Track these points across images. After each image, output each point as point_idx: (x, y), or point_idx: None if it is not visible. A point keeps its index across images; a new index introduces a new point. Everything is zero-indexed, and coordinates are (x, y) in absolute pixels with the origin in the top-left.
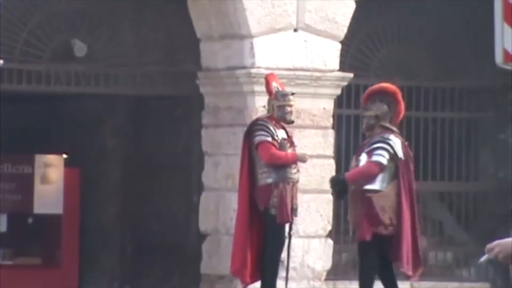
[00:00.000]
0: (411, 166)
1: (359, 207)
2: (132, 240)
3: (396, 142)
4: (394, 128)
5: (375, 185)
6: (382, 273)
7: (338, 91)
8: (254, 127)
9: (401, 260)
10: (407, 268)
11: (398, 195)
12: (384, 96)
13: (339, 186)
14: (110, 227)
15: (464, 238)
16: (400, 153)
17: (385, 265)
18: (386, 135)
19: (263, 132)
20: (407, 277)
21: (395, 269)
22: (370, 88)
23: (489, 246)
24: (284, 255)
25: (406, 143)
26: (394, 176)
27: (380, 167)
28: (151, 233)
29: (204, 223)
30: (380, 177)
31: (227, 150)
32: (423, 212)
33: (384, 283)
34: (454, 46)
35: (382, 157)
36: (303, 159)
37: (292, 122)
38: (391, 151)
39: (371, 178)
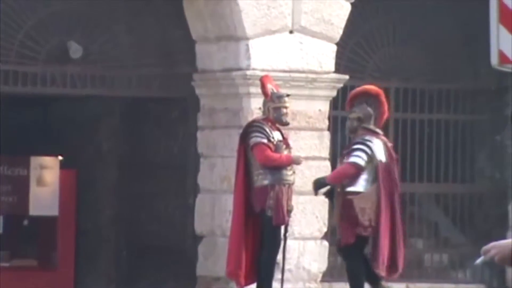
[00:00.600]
0: (395, 168)
1: (340, 209)
2: (128, 242)
3: (376, 144)
4: (378, 130)
5: (357, 187)
6: (366, 275)
7: (334, 93)
8: (250, 128)
9: (377, 260)
10: (381, 268)
11: (378, 197)
12: (367, 98)
13: (320, 188)
14: (106, 229)
15: (460, 240)
16: (379, 155)
17: (367, 266)
18: (366, 137)
19: (259, 134)
20: (382, 277)
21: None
22: (353, 91)
23: (485, 248)
24: (279, 257)
25: (390, 144)
26: (376, 178)
27: (357, 168)
28: (147, 235)
29: (200, 225)
30: (361, 179)
31: (222, 152)
32: (419, 214)
33: (369, 283)
34: (450, 48)
35: (359, 158)
36: (297, 162)
37: (288, 123)
38: (369, 152)
39: (348, 179)
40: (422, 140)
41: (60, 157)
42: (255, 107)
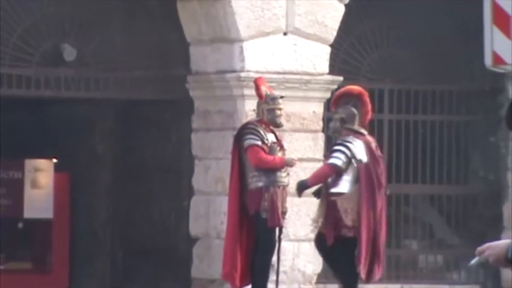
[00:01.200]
0: (379, 168)
1: (324, 210)
2: (123, 244)
3: (357, 144)
4: (362, 130)
5: (340, 188)
6: (342, 275)
7: (328, 95)
8: (244, 130)
9: (359, 261)
10: (362, 271)
11: (360, 197)
12: (350, 98)
13: (303, 190)
14: (101, 232)
15: (454, 241)
16: (359, 156)
17: (345, 268)
18: (346, 138)
19: (252, 136)
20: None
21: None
22: (337, 92)
23: (479, 249)
24: (274, 258)
25: (374, 144)
26: (358, 178)
27: (334, 169)
28: (141, 237)
29: (195, 227)
30: (343, 180)
31: (217, 154)
32: (413, 215)
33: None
34: (444, 49)
35: (337, 159)
36: (290, 164)
37: (281, 125)
38: (348, 153)
39: (326, 180)
40: (416, 141)
41: (54, 160)
42: (249, 109)
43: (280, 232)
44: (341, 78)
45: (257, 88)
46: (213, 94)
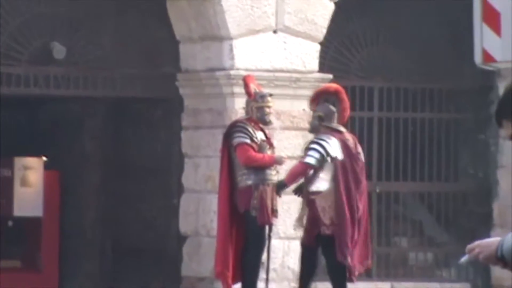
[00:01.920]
0: (357, 166)
1: (305, 210)
2: (113, 243)
3: (332, 142)
4: (341, 128)
5: (318, 187)
6: (330, 274)
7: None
8: (233, 129)
9: (344, 256)
10: (352, 265)
11: (337, 195)
12: (328, 96)
13: (281, 189)
14: (90, 230)
15: (444, 239)
16: (334, 153)
17: (332, 266)
18: (322, 136)
19: (241, 134)
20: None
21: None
22: (315, 90)
23: (469, 246)
24: (264, 256)
25: (352, 142)
26: (336, 176)
27: (307, 167)
28: (131, 236)
29: (184, 225)
30: (320, 178)
31: (207, 152)
32: (403, 213)
33: (333, 283)
34: (434, 48)
35: (311, 158)
36: (280, 162)
37: (271, 123)
38: (322, 151)
39: (301, 178)
40: (406, 139)
41: (44, 158)
42: (239, 107)
43: (270, 230)
44: (330, 76)
45: (246, 86)
46: (202, 92)
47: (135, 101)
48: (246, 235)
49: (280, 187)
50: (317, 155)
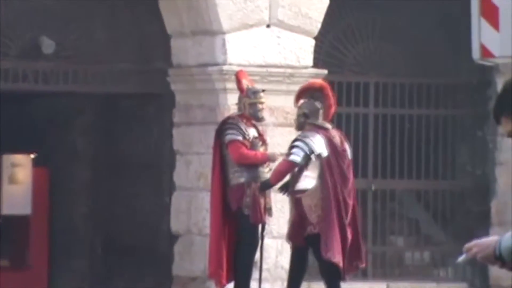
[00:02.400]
0: (343, 162)
1: (292, 210)
2: (102, 241)
3: (316, 139)
4: (327, 125)
5: (304, 185)
6: (322, 274)
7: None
8: (224, 125)
9: (333, 255)
10: (338, 258)
11: (324, 192)
12: (313, 92)
13: (266, 189)
14: (80, 228)
15: (441, 238)
16: (318, 150)
17: (323, 265)
18: (306, 133)
19: (233, 131)
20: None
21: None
22: (299, 87)
23: (467, 245)
24: (257, 256)
25: (338, 139)
26: (322, 174)
27: (292, 165)
28: (121, 234)
29: (176, 224)
30: (306, 176)
31: (199, 148)
32: (399, 211)
33: (326, 283)
34: (431, 42)
35: (295, 156)
36: (273, 159)
37: (263, 119)
38: (307, 148)
39: (285, 176)
40: (403, 136)
41: (32, 155)
42: (231, 103)
43: (263, 229)
44: (325, 72)
45: (238, 82)
46: (194, 87)
47: (126, 97)
48: (238, 234)
49: (265, 186)
50: (301, 153)
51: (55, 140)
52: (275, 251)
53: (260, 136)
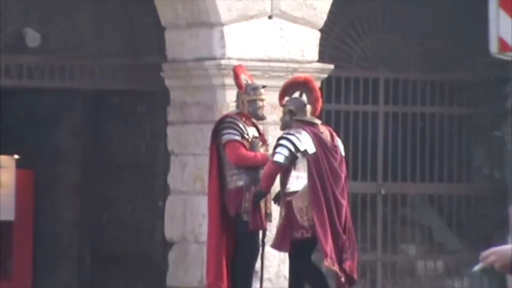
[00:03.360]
0: (334, 160)
1: (282, 213)
2: (91, 249)
3: (301, 136)
4: (315, 120)
5: (294, 186)
6: (307, 280)
7: (318, 84)
8: (221, 125)
9: (325, 254)
10: (330, 262)
11: (312, 193)
12: (297, 88)
13: (261, 199)
14: (67, 235)
15: (456, 246)
16: (304, 147)
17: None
18: (291, 131)
19: (231, 131)
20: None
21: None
22: (282, 85)
23: (484, 254)
24: (258, 265)
25: (327, 134)
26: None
27: (278, 166)
28: (112, 241)
29: (170, 230)
30: (294, 176)
31: (195, 149)
32: (411, 217)
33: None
34: (444, 35)
35: (280, 155)
36: None
37: (264, 118)
38: (291, 147)
39: (273, 179)
40: (415, 136)
41: (16, 156)
42: (230, 100)
43: (264, 235)
44: (331, 66)
45: (236, 77)
46: (190, 84)
47: (117, 93)
48: (237, 241)
49: (259, 196)
50: (285, 151)
51: (40, 140)
52: (277, 260)
53: (261, 135)
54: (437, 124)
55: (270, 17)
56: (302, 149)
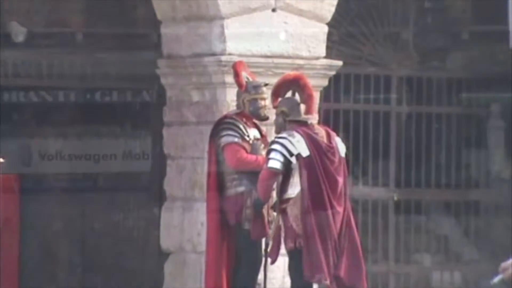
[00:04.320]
0: (330, 162)
1: (277, 222)
2: (82, 259)
3: (295, 139)
4: (310, 119)
5: (288, 193)
6: None
7: (325, 82)
8: (220, 126)
9: (311, 271)
10: (318, 277)
11: (303, 199)
12: (288, 87)
13: (260, 208)
14: (56, 244)
15: (473, 256)
16: (297, 150)
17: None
18: (283, 134)
19: (230, 132)
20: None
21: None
22: (273, 86)
23: (503, 264)
24: (260, 277)
25: (321, 135)
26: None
27: (271, 172)
28: (103, 251)
29: (166, 240)
30: (291, 182)
31: (193, 152)
32: (426, 225)
33: None
34: (461, 29)
35: (273, 161)
36: None
37: (266, 118)
38: (284, 151)
39: (269, 186)
40: (430, 138)
41: (1, 160)
42: (231, 99)
43: (267, 245)
44: (340, 63)
45: (237, 75)
46: (188, 81)
47: (109, 92)
48: (237, 252)
49: (258, 205)
50: (279, 156)
51: (26, 142)
52: (281, 271)
53: (263, 137)
54: (454, 125)
55: (273, 10)
56: (295, 152)
